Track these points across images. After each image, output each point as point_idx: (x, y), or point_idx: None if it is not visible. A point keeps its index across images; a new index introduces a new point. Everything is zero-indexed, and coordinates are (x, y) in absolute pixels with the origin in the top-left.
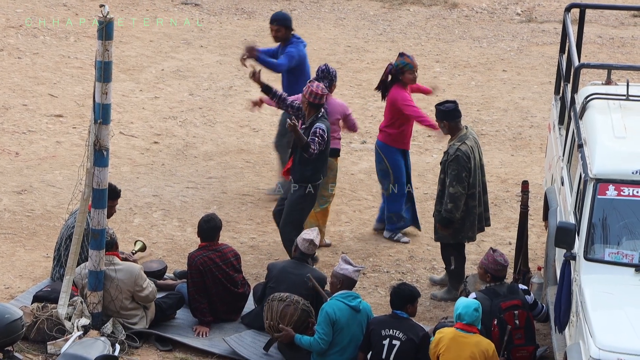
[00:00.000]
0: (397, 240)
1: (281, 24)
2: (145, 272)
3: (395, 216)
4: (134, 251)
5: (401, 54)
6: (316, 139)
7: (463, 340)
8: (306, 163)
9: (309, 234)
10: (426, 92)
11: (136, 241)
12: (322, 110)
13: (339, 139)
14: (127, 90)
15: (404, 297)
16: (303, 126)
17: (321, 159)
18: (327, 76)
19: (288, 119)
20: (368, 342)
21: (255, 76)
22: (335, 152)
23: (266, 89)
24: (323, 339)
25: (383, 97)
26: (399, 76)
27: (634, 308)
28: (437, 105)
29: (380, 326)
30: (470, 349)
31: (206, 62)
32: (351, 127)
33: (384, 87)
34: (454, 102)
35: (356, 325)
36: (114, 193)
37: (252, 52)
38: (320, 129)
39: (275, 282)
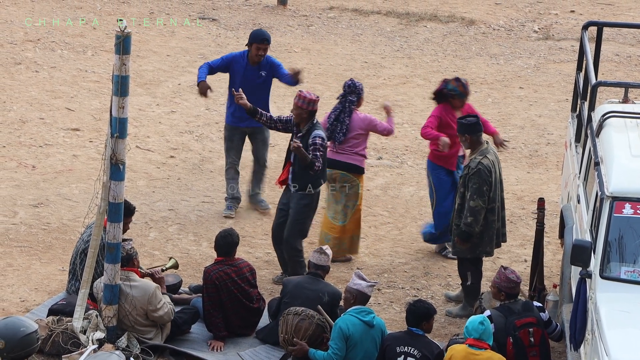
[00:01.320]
0: (445, 255)
1: (269, 43)
2: None
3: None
4: (164, 268)
5: (457, 79)
6: (318, 153)
7: (474, 358)
8: (308, 164)
9: (319, 247)
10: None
11: (170, 258)
12: (316, 117)
13: (363, 155)
14: (144, 105)
15: (419, 314)
16: (299, 134)
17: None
18: (355, 90)
19: (293, 141)
20: (382, 358)
21: (242, 100)
22: (358, 170)
23: (253, 111)
24: (337, 354)
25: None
26: (448, 98)
27: None
28: (459, 119)
29: (395, 343)
30: None
31: (223, 77)
32: (383, 132)
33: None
34: (476, 116)
35: (369, 340)
36: (128, 210)
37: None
38: (319, 137)
39: (290, 298)
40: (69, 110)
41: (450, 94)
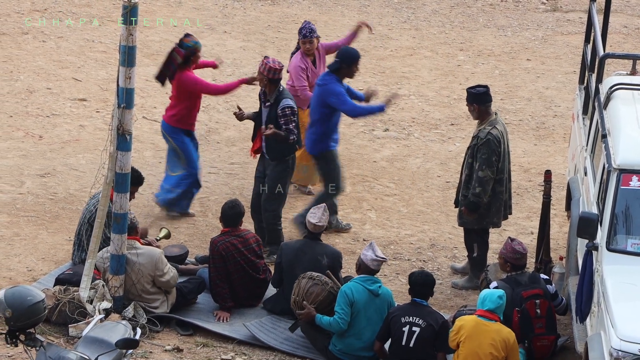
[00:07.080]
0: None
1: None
2: (166, 256)
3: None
4: (158, 238)
5: (188, 35)
6: (291, 125)
7: (484, 328)
8: (283, 140)
9: (314, 214)
10: (212, 65)
11: (161, 228)
12: (281, 84)
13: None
14: (151, 75)
15: (425, 284)
16: (268, 103)
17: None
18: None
19: (268, 127)
20: (387, 330)
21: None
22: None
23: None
24: (342, 319)
25: (164, 82)
26: (190, 57)
27: None
28: (469, 89)
29: (401, 313)
30: (491, 337)
31: (230, 48)
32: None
33: (170, 72)
34: (486, 86)
35: (374, 309)
36: (136, 179)
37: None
38: (288, 108)
39: (288, 264)
40: (76, 81)
41: (193, 50)
